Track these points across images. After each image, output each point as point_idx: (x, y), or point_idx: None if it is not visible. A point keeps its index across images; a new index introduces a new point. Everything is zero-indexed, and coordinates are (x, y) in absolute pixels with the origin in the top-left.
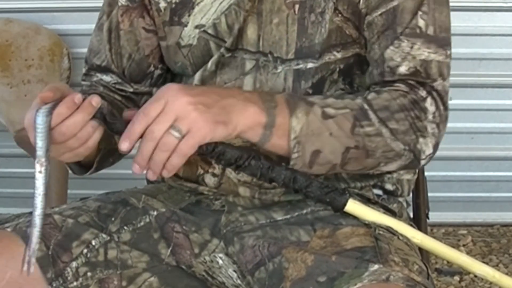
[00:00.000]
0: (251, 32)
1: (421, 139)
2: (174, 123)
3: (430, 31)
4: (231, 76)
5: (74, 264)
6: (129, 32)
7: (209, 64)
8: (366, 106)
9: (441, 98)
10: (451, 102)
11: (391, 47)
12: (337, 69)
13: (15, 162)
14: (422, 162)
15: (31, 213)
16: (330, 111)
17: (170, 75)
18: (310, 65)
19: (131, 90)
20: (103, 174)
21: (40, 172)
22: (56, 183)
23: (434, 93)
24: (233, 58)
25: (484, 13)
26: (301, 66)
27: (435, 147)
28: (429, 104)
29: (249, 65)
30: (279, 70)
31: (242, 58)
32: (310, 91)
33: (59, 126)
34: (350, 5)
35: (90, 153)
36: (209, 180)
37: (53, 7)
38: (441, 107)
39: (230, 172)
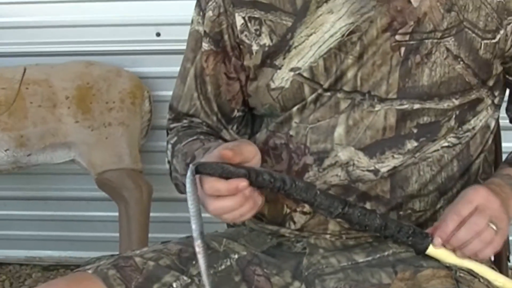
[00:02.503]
0: (351, 74)
1: None
2: (490, 220)
3: None
4: (324, 114)
5: None
6: (213, 76)
7: (308, 101)
8: None
9: None
10: None
11: None
12: (454, 116)
13: (96, 205)
14: None
15: (112, 256)
16: None
17: (250, 116)
18: (416, 106)
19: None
20: (183, 217)
21: (199, 253)
22: (137, 226)
23: None
24: (329, 97)
25: None
26: (405, 106)
27: None
28: None
29: (343, 104)
30: (377, 109)
31: (337, 97)
32: (415, 131)
33: (212, 200)
34: (471, 52)
35: None
36: (299, 218)
37: (134, 50)
38: None
39: None
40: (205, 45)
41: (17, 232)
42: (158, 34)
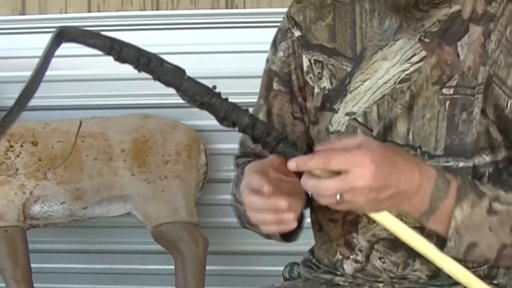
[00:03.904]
0: (401, 125)
1: None
2: (343, 193)
3: None
4: None
5: None
6: (279, 115)
7: None
8: None
9: None
10: None
11: None
12: (486, 173)
13: (151, 259)
14: None
15: None
16: (497, 206)
17: None
18: (461, 164)
19: None
20: (239, 270)
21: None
22: (193, 279)
23: None
24: None
25: None
26: (451, 163)
27: None
28: None
29: None
30: None
31: None
32: None
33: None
34: (496, 109)
35: None
36: (349, 266)
37: None
38: None
39: (376, 260)
40: (275, 85)
41: (73, 286)
42: (214, 87)
